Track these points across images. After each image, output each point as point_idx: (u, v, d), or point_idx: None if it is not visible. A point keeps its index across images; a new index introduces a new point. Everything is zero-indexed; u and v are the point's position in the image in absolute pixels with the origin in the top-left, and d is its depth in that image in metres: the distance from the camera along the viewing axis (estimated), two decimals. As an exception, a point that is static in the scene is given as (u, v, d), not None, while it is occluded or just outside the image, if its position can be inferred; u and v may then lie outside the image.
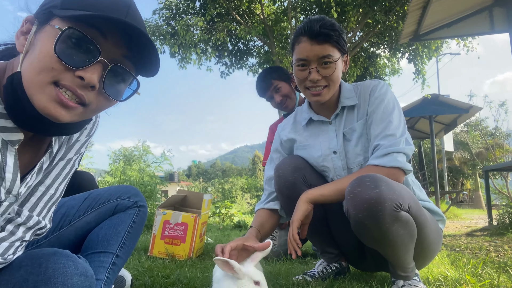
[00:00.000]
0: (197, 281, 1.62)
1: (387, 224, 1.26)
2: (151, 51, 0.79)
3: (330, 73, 1.49)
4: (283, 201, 1.67)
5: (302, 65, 1.50)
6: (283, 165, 1.67)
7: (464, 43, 9.41)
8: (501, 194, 11.92)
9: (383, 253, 1.41)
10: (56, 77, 0.72)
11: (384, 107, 1.53)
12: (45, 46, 0.72)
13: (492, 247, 3.09)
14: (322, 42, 1.45)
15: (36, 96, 0.72)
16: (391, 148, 1.43)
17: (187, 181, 42.59)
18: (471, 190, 23.11)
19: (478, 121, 19.09)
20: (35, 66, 0.72)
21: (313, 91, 1.53)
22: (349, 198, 1.31)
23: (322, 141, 1.65)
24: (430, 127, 8.46)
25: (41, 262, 0.84)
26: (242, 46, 11.31)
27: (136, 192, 1.38)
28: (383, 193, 1.23)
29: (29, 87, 0.73)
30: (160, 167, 6.25)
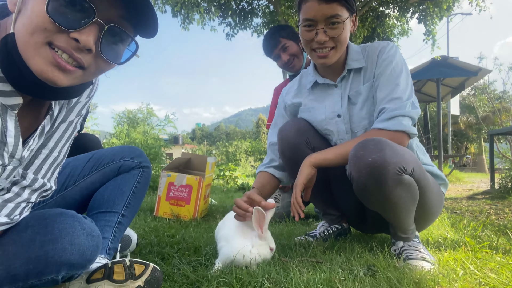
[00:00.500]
0: (202, 241, 1.67)
1: (390, 187, 1.26)
2: (149, 10, 0.76)
3: (338, 34, 1.44)
4: (286, 163, 1.68)
5: (309, 26, 1.45)
6: (287, 127, 1.66)
7: (476, 2, 9.02)
8: (505, 158, 11.92)
9: (385, 215, 1.42)
10: (49, 37, 0.69)
11: (392, 69, 1.49)
12: (37, 5, 0.68)
13: (493, 210, 3.13)
14: (330, 1, 1.39)
15: (32, 59, 0.70)
16: (397, 111, 1.40)
17: (192, 144, 42.86)
18: (474, 154, 23.14)
19: (486, 84, 18.75)
20: (28, 27, 0.69)
21: (320, 52, 1.49)
22: (353, 161, 1.31)
23: (327, 104, 1.62)
24: (437, 90, 8.31)
25: (47, 223, 0.86)
26: (246, 5, 10.93)
27: (140, 152, 1.39)
28: (387, 157, 1.23)
29: (23, 49, 0.70)
30: (164, 129, 6.26)
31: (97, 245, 0.93)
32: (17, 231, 0.86)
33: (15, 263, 0.82)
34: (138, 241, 1.63)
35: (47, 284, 0.88)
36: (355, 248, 1.52)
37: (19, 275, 0.83)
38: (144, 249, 1.54)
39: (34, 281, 0.85)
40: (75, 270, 0.90)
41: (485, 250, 1.52)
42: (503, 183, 4.42)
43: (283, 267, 1.23)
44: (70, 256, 0.85)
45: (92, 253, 0.91)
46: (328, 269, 1.20)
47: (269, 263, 1.27)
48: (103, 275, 1.00)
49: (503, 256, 1.45)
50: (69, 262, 0.86)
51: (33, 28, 0.68)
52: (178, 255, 1.39)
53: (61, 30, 0.69)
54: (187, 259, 1.33)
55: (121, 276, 1.00)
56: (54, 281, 0.89)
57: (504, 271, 1.21)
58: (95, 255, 0.93)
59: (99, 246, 0.95)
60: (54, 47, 0.70)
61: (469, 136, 22.97)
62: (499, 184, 4.60)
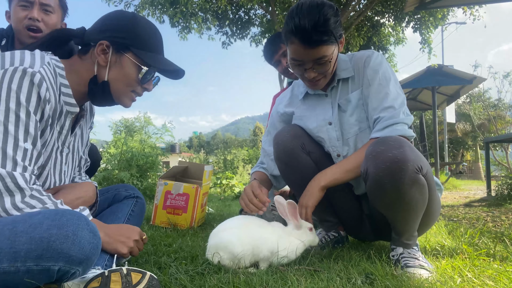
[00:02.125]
0: (199, 249, 1.66)
1: (406, 185, 1.27)
2: (180, 72, 1.32)
3: (327, 69, 1.48)
4: (281, 167, 1.70)
5: (298, 64, 1.47)
6: (282, 132, 1.68)
7: (470, 12, 9.15)
8: (501, 166, 11.97)
9: (394, 218, 1.42)
10: (133, 88, 1.26)
11: (379, 78, 1.51)
12: (132, 74, 1.22)
13: (490, 217, 3.13)
14: (315, 45, 1.39)
15: (122, 98, 1.27)
16: (391, 120, 1.43)
17: (188, 152, 42.79)
18: (471, 161, 23.22)
19: (481, 92, 18.90)
20: (123, 82, 1.23)
21: (311, 82, 1.54)
22: (371, 156, 1.31)
23: (318, 112, 1.65)
24: (433, 98, 8.37)
25: (57, 212, 0.94)
26: (243, 15, 11.02)
27: (133, 187, 1.64)
28: (407, 153, 1.25)
29: (117, 92, 1.24)
30: (161, 138, 6.25)
31: (97, 244, 0.97)
32: (30, 214, 0.94)
33: (20, 239, 0.87)
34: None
35: (43, 274, 0.90)
36: (353, 256, 1.52)
37: (20, 253, 0.87)
38: (141, 259, 1.53)
39: (31, 265, 0.88)
40: (71, 265, 0.91)
41: (483, 257, 1.52)
42: (500, 190, 4.43)
43: (280, 276, 1.22)
44: (71, 246, 0.90)
45: (91, 250, 0.94)
46: (326, 277, 1.20)
47: (267, 271, 1.27)
48: (100, 283, 0.99)
49: (500, 263, 1.45)
50: (68, 253, 0.90)
51: (127, 84, 1.24)
52: (175, 264, 1.38)
53: (140, 85, 1.27)
54: (184, 268, 1.32)
55: (118, 285, 0.99)
56: (49, 274, 0.90)
57: (501, 279, 1.21)
58: (93, 254, 0.95)
59: (99, 247, 0.98)
60: (134, 91, 1.27)
61: (465, 144, 23.08)
62: (495, 192, 4.62)
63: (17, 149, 1.00)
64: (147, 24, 1.25)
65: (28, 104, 1.01)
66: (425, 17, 9.73)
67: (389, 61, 11.45)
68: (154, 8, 9.43)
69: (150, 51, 1.23)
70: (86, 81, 1.22)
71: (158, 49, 1.27)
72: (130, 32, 1.20)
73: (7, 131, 0.99)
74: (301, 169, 1.67)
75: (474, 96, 19.61)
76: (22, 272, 0.88)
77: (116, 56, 1.20)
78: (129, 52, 1.20)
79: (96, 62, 1.20)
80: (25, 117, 1.01)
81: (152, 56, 1.23)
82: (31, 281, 0.89)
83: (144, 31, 1.22)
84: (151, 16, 9.68)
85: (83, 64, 1.22)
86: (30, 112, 1.02)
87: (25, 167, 1.01)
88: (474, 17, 9.19)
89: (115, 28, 1.20)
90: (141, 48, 1.21)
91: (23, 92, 1.01)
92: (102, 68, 1.21)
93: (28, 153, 1.03)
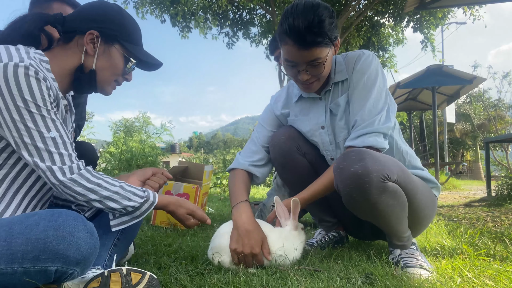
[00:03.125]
0: (199, 249, 1.66)
1: (375, 195, 1.26)
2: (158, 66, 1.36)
3: (320, 72, 1.44)
4: (278, 169, 1.72)
5: (291, 66, 1.45)
6: (278, 135, 1.67)
7: (471, 12, 9.15)
8: (501, 166, 11.97)
9: (377, 224, 1.43)
10: (117, 77, 1.29)
11: (364, 81, 1.48)
12: (119, 64, 1.26)
13: (490, 217, 3.13)
14: (309, 47, 1.35)
15: (106, 87, 1.28)
16: (365, 129, 1.41)
17: (188, 152, 42.76)
18: (471, 161, 23.23)
19: (481, 92, 18.92)
20: (110, 72, 1.25)
21: (304, 85, 1.51)
22: (336, 173, 1.32)
23: (311, 116, 1.64)
24: (433, 98, 8.37)
25: (54, 213, 0.93)
26: (244, 15, 11.02)
27: None
28: (368, 166, 1.24)
29: (102, 81, 1.25)
30: (160, 138, 6.26)
31: (94, 245, 0.96)
32: (26, 215, 0.94)
33: (16, 241, 0.87)
34: (135, 250, 1.62)
35: (40, 275, 0.89)
36: (352, 256, 1.52)
37: (16, 255, 0.87)
38: (141, 259, 1.53)
39: (28, 266, 0.88)
40: (69, 266, 0.91)
41: (483, 257, 1.52)
42: (500, 190, 4.43)
43: (280, 276, 1.22)
44: (68, 247, 0.89)
45: (89, 251, 0.93)
46: (326, 277, 1.20)
47: (267, 271, 1.27)
48: (99, 283, 0.99)
49: (500, 263, 1.45)
50: (65, 254, 0.89)
51: (113, 73, 1.26)
52: (175, 264, 1.38)
53: (123, 75, 1.30)
54: (184, 268, 1.32)
55: (118, 285, 0.99)
56: (47, 275, 0.90)
57: (501, 279, 1.21)
58: (91, 255, 0.95)
59: (96, 248, 0.97)
60: (116, 80, 1.30)
61: (465, 144, 23.09)
62: (495, 192, 4.62)
63: (45, 140, 1.03)
64: (130, 17, 1.29)
65: (33, 98, 1.01)
66: (425, 17, 9.73)
67: (389, 61, 11.46)
68: (154, 6, 9.42)
69: (135, 44, 1.28)
70: (69, 70, 1.20)
71: (140, 42, 1.31)
72: (118, 24, 1.23)
73: (28, 128, 1.01)
74: (297, 171, 1.67)
75: (474, 96, 19.63)
76: (19, 273, 0.88)
77: (105, 46, 1.22)
78: (117, 44, 1.23)
79: (84, 51, 1.20)
80: (36, 110, 1.02)
81: (138, 49, 1.28)
82: (30, 280, 0.89)
83: (130, 24, 1.26)
84: (150, 14, 9.67)
85: (67, 52, 1.20)
86: (39, 106, 1.03)
87: (60, 153, 1.05)
88: (474, 17, 9.20)
89: (104, 19, 1.21)
90: (127, 40, 1.25)
91: (23, 88, 0.99)
92: (89, 57, 1.21)
93: (58, 140, 1.06)
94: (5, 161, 1.07)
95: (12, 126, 1.00)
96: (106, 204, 1.12)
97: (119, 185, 1.15)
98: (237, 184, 1.60)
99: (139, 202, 1.17)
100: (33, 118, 1.01)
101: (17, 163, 1.09)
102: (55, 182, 1.05)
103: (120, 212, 1.17)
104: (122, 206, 1.14)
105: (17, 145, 1.02)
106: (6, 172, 1.07)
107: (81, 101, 2.04)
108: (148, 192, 1.22)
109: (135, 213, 1.19)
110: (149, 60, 1.29)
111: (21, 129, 1.00)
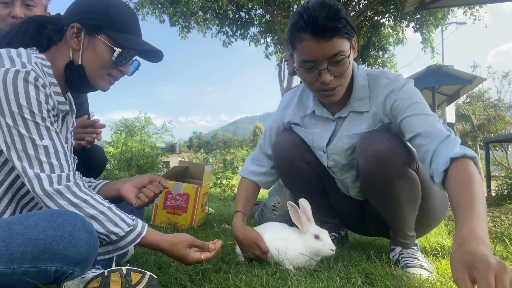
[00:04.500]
0: (199, 250, 1.66)
1: (394, 178, 1.28)
2: (158, 53, 1.28)
3: (344, 70, 1.29)
4: (283, 178, 1.71)
5: (310, 68, 1.29)
6: (281, 142, 1.62)
7: (471, 12, 9.15)
8: (501, 166, 11.96)
9: (385, 212, 1.43)
10: (109, 71, 1.20)
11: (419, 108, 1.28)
12: (105, 56, 1.17)
13: (490, 217, 3.13)
14: (330, 38, 1.22)
15: (98, 81, 1.21)
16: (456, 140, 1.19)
17: (188, 152, 42.78)
18: (471, 161, 23.16)
19: (481, 92, 18.91)
20: (97, 65, 1.17)
21: (326, 92, 1.34)
22: (360, 150, 1.33)
23: (315, 134, 1.55)
24: (433, 98, 8.36)
25: (53, 213, 0.93)
26: (244, 15, 11.02)
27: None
28: (394, 147, 1.26)
29: (92, 76, 1.19)
30: (161, 137, 6.25)
31: (94, 245, 0.96)
32: (25, 216, 0.93)
33: (15, 241, 0.87)
34: (135, 250, 1.62)
35: (40, 275, 0.89)
36: (353, 256, 1.51)
37: (16, 255, 0.86)
38: (141, 259, 1.53)
39: (28, 267, 0.87)
40: (68, 266, 0.91)
41: (483, 257, 1.51)
42: (500, 191, 4.43)
43: (280, 276, 1.22)
44: (67, 247, 0.89)
45: (88, 250, 0.93)
46: (326, 277, 1.19)
47: (267, 271, 1.27)
48: (99, 283, 0.99)
49: (500, 263, 1.44)
50: (64, 254, 0.89)
51: (101, 66, 1.18)
52: (175, 264, 1.38)
53: (116, 67, 1.21)
54: (184, 268, 1.32)
55: (118, 285, 0.99)
56: (46, 275, 0.90)
57: (501, 279, 1.21)
58: (90, 254, 0.94)
59: (96, 247, 0.97)
60: (110, 74, 1.21)
61: (465, 144, 23.08)
62: (495, 192, 4.61)
63: (37, 148, 1.00)
64: (122, 5, 1.21)
65: (29, 104, 0.99)
66: (425, 17, 9.74)
67: (389, 61, 11.47)
68: (153, 7, 9.43)
69: (124, 32, 1.18)
70: (63, 69, 1.17)
71: (134, 31, 1.21)
72: (102, 13, 1.16)
73: (22, 134, 0.99)
74: (302, 179, 1.65)
75: (474, 96, 19.62)
76: (19, 273, 0.88)
77: (89, 38, 1.16)
78: (101, 34, 1.15)
79: (71, 47, 1.16)
80: (31, 116, 1.00)
81: (126, 37, 1.18)
82: (30, 280, 0.89)
83: (117, 12, 1.18)
84: (151, 15, 9.67)
85: (59, 50, 1.18)
86: (34, 112, 1.00)
87: (50, 163, 1.02)
88: (475, 17, 9.20)
89: (86, 10, 1.16)
90: (115, 29, 1.16)
91: (20, 93, 0.98)
92: (76, 52, 1.16)
93: (50, 149, 1.02)
94: (1, 167, 1.05)
95: (6, 131, 0.98)
96: None
97: (108, 206, 1.08)
98: (238, 194, 1.66)
99: (125, 231, 1.07)
100: (26, 124, 0.99)
101: (13, 170, 1.07)
102: (39, 192, 1.00)
103: (103, 240, 1.07)
104: (106, 230, 1.04)
105: (8, 149, 1.00)
106: (2, 179, 1.05)
107: (81, 100, 2.04)
108: (137, 221, 1.12)
109: (119, 244, 1.08)
110: (140, 47, 1.20)
111: (14, 134, 0.98)
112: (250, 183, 1.69)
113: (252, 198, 1.68)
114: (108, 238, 1.06)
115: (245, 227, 1.49)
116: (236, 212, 1.57)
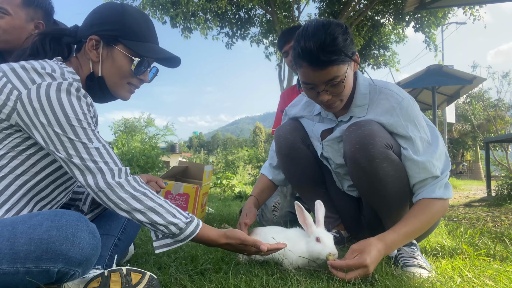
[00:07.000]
0: (199, 250, 1.66)
1: (377, 159, 1.33)
2: (176, 60, 1.29)
3: (341, 91, 1.37)
4: (282, 159, 1.75)
5: (310, 88, 1.39)
6: (283, 126, 1.76)
7: (471, 12, 9.15)
8: (501, 166, 11.97)
9: (374, 202, 1.49)
10: (129, 80, 1.23)
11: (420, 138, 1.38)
12: (124, 66, 1.20)
13: (490, 217, 3.13)
14: (324, 66, 1.30)
15: (119, 91, 1.24)
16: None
17: (188, 152, 42.76)
18: (471, 161, 23.21)
19: (481, 92, 18.90)
20: (117, 75, 1.21)
21: (326, 106, 1.45)
22: (345, 136, 1.41)
23: (317, 127, 1.66)
24: (433, 98, 8.36)
25: (57, 213, 0.94)
26: (244, 15, 11.01)
27: None
28: (375, 131, 1.34)
29: (113, 86, 1.22)
30: (164, 136, 6.26)
31: (97, 246, 0.96)
32: (29, 215, 0.94)
33: (19, 241, 0.87)
34: (135, 250, 1.62)
35: (42, 275, 0.90)
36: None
37: (19, 255, 0.87)
38: (141, 259, 1.54)
39: (31, 266, 0.88)
40: (71, 266, 0.91)
41: (483, 257, 1.52)
42: (500, 190, 4.43)
43: (280, 276, 1.22)
44: (70, 247, 0.90)
45: (91, 251, 0.93)
46: (326, 277, 1.20)
47: (267, 271, 1.27)
48: (99, 283, 1.00)
49: (500, 263, 1.45)
50: (68, 254, 0.89)
51: (121, 77, 1.21)
52: (175, 264, 1.38)
53: (135, 76, 1.23)
54: (184, 268, 1.32)
55: (118, 285, 0.99)
56: (49, 275, 0.90)
57: (501, 279, 1.21)
58: (93, 255, 0.95)
59: (98, 248, 0.97)
60: (130, 83, 1.25)
61: (465, 144, 23.08)
62: (495, 192, 4.62)
63: (89, 151, 1.04)
64: (137, 13, 1.22)
65: (75, 113, 1.03)
66: (425, 16, 9.73)
67: (391, 60, 11.45)
68: (154, 8, 9.43)
69: (141, 41, 1.20)
70: (84, 79, 1.20)
71: (150, 38, 1.23)
72: (118, 24, 1.17)
73: (72, 141, 1.02)
74: (300, 161, 1.72)
75: (474, 96, 19.62)
76: (21, 273, 0.88)
77: (107, 49, 1.18)
78: (119, 44, 1.18)
79: (90, 58, 1.18)
80: (78, 123, 1.03)
81: (143, 46, 1.20)
82: (32, 280, 0.89)
83: (133, 21, 1.19)
84: (152, 17, 9.68)
85: (79, 62, 1.20)
86: (80, 119, 1.04)
87: (106, 162, 1.05)
88: (475, 17, 9.19)
89: (103, 21, 1.18)
90: (132, 38, 1.18)
91: (65, 104, 1.02)
92: (96, 64, 1.19)
93: (102, 150, 1.06)
94: (29, 168, 1.06)
95: (56, 139, 1.01)
96: (149, 217, 1.07)
97: (164, 200, 1.12)
98: (255, 186, 1.86)
99: (184, 222, 1.11)
100: (74, 131, 1.02)
101: (39, 173, 1.08)
102: (103, 186, 1.02)
103: (163, 232, 1.10)
104: (166, 221, 1.08)
105: (64, 160, 1.03)
106: (27, 179, 1.06)
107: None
108: (192, 216, 1.15)
109: (179, 237, 1.11)
110: (158, 55, 1.23)
111: (64, 141, 1.01)
112: (265, 178, 1.86)
113: (267, 190, 1.84)
114: (167, 229, 1.09)
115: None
116: (250, 196, 1.76)
